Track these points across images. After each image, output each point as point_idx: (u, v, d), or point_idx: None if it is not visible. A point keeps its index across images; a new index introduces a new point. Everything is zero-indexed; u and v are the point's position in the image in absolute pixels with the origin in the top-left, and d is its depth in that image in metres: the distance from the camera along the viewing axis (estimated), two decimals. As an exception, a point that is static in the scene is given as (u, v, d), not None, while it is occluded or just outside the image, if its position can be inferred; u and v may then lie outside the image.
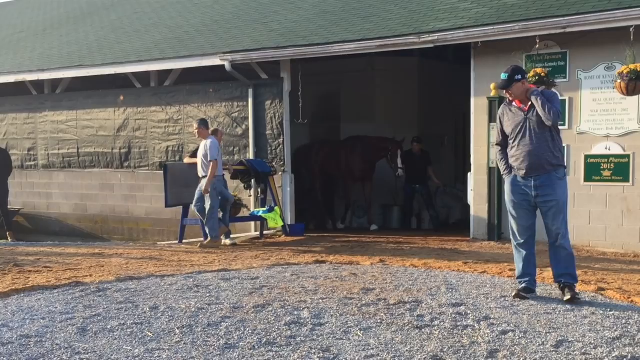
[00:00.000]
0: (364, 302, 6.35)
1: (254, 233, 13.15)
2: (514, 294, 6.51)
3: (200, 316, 5.87)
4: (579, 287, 6.70)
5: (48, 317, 5.88)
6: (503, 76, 6.47)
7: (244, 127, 13.57)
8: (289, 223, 12.89)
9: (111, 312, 6.05)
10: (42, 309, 6.20)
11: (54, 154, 16.35)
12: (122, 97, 15.20)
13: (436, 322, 5.64)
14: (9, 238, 14.57)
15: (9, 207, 15.36)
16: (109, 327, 5.56)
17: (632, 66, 8.65)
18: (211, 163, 10.74)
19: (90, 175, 15.85)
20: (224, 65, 13.02)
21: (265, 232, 12.80)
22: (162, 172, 12.17)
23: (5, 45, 19.74)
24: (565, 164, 6.52)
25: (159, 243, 12.80)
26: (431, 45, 11.27)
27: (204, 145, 10.93)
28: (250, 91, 13.38)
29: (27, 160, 16.86)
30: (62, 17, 21.48)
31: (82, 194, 16.04)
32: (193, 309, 6.11)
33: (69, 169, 16.17)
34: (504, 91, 6.65)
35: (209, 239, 10.98)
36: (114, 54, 15.52)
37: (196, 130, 11.16)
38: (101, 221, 15.89)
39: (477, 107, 11.37)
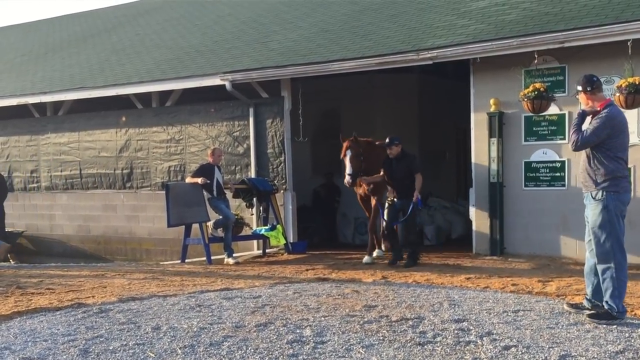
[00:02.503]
0: (366, 319, 6.34)
1: (256, 251, 13.15)
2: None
3: (203, 336, 5.86)
4: (579, 300, 6.69)
5: (50, 339, 5.88)
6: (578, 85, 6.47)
7: (245, 145, 13.60)
8: (291, 241, 12.89)
9: (113, 333, 6.04)
10: (45, 331, 6.20)
11: (57, 175, 16.40)
12: (123, 118, 15.26)
13: (438, 339, 5.63)
14: (10, 260, 14.59)
15: (12, 229, 15.39)
16: (111, 348, 5.55)
17: (630, 80, 8.66)
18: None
19: (92, 196, 15.88)
20: (224, 85, 13.08)
21: (267, 250, 12.80)
22: (164, 192, 12.20)
23: (8, 69, 19.87)
24: (606, 185, 6.27)
25: (161, 263, 12.81)
26: (430, 62, 11.32)
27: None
28: (251, 110, 13.43)
29: (30, 183, 16.90)
30: (63, 40, 21.64)
31: (85, 215, 16.07)
32: (195, 329, 6.11)
33: (72, 191, 16.20)
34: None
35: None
36: (116, 75, 15.61)
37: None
38: (104, 242, 15.90)
39: (477, 122, 11.40)
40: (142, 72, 15.21)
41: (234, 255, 11.75)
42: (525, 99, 9.65)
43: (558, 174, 10.77)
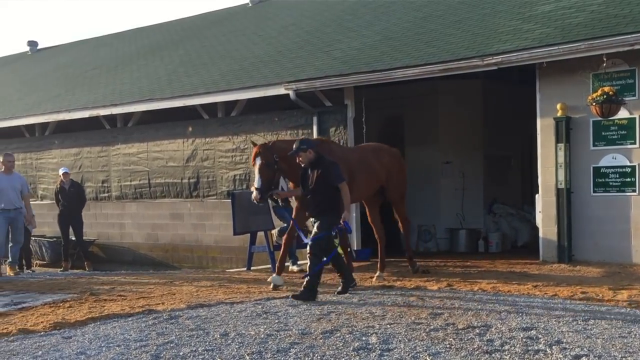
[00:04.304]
0: (432, 327, 6.31)
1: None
2: None
3: (270, 342, 5.94)
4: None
5: (123, 345, 6.05)
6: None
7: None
8: (355, 248, 12.90)
9: (183, 339, 6.18)
10: (118, 337, 6.38)
11: (126, 185, 16.84)
12: (190, 129, 15.58)
13: (506, 347, 5.57)
14: (86, 268, 15.06)
15: (85, 237, 15.87)
16: (181, 354, 5.68)
17: None
18: None
19: (160, 205, 16.25)
20: (288, 94, 13.23)
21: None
22: (229, 200, 12.39)
23: (80, 82, 20.54)
24: None
25: (227, 270, 12.99)
26: (495, 68, 11.21)
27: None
28: (315, 119, 13.53)
29: (101, 192, 17.40)
30: (132, 53, 22.25)
31: (153, 223, 16.45)
32: (262, 335, 6.19)
33: (141, 200, 16.61)
34: None
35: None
36: (183, 86, 15.96)
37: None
38: (171, 250, 16.23)
39: (544, 127, 11.22)
40: (209, 83, 15.51)
41: (298, 262, 11.84)
42: (594, 103, 9.47)
43: (628, 180, 10.50)
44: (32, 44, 29.55)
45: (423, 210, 15.12)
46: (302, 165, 8.67)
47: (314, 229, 8.52)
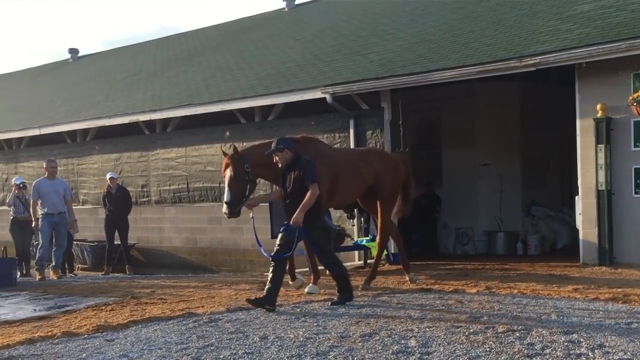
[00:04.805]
0: (471, 330, 6.28)
1: (357, 262, 13.22)
2: None
3: (309, 345, 5.97)
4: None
5: (164, 347, 6.13)
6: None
7: (345, 157, 13.71)
8: (393, 251, 12.88)
9: (223, 342, 6.24)
10: (159, 340, 6.47)
11: (165, 189, 17.04)
12: (227, 133, 15.71)
13: (547, 351, 5.52)
14: (127, 271, 15.27)
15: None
16: (221, 356, 5.74)
17: None
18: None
19: (199, 210, 16.41)
20: (325, 98, 13.27)
21: (368, 261, 12.84)
22: (267, 204, 12.45)
23: (120, 88, 20.87)
24: None
25: (265, 274, 13.04)
26: (533, 69, 11.11)
27: None
28: (352, 122, 13.54)
29: (141, 197, 17.64)
30: (171, 59, 22.53)
31: (192, 227, 16.61)
32: (301, 339, 6.23)
33: (180, 204, 16.80)
34: None
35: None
36: (220, 92, 16.12)
37: None
38: (210, 253, 16.37)
39: (583, 128, 11.08)
40: (246, 88, 15.64)
41: (337, 266, 11.84)
42: (635, 104, 9.34)
43: (671, 181, 10.33)
44: (73, 51, 30.11)
45: (460, 212, 15.06)
46: (280, 167, 8.16)
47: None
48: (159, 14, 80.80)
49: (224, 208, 8.59)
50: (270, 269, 7.99)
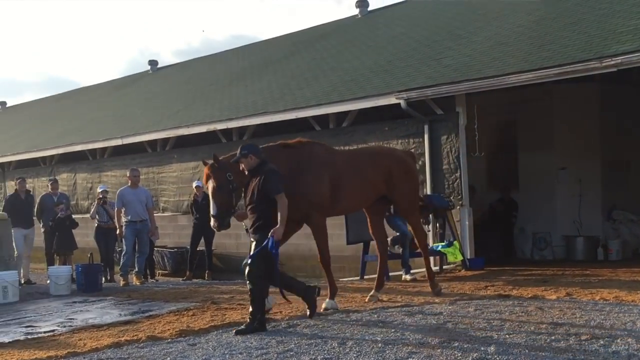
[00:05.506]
0: (553, 337, 6.18)
1: (433, 268, 13.11)
2: None
3: (387, 352, 5.99)
4: None
5: (245, 352, 6.26)
6: None
7: (420, 162, 13.64)
8: (469, 257, 12.75)
9: (302, 347, 6.33)
10: (239, 344, 6.62)
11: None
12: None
13: (634, 359, 5.38)
14: (206, 277, 15.59)
15: (203, 248, 16.43)
16: (301, 361, 5.83)
17: None
18: None
19: (275, 216, 16.55)
20: (399, 104, 13.26)
21: (444, 267, 12.76)
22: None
23: (197, 98, 21.35)
24: None
25: (340, 279, 13.13)
26: (614, 69, 10.80)
27: None
28: (426, 127, 13.46)
29: (218, 204, 17.90)
30: (246, 69, 22.92)
31: (268, 233, 16.75)
32: (380, 345, 6.25)
33: (256, 211, 16.97)
34: None
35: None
36: (295, 99, 16.30)
37: None
38: (286, 259, 16.46)
39: (668, 130, 10.72)
40: (320, 95, 15.77)
41: (411, 271, 11.83)
42: None
43: None
44: (153, 63, 30.98)
45: (538, 217, 14.77)
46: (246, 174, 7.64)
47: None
48: (230, 24, 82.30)
49: (212, 222, 8.03)
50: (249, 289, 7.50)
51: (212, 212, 7.95)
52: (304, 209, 8.31)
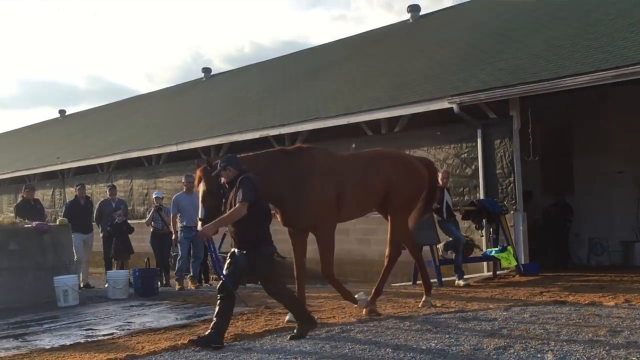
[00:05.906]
0: (612, 345, 6.08)
1: (486, 273, 13.01)
2: None
3: (442, 357, 5.97)
4: None
5: (300, 357, 6.32)
6: None
7: (473, 167, 13.57)
8: (523, 262, 12.59)
9: (356, 352, 6.36)
10: (294, 349, 6.68)
11: (295, 202, 17.35)
12: (354, 146, 15.87)
13: (695, 368, 5.27)
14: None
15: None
16: (355, 366, 5.86)
17: None
18: None
19: (327, 221, 16.59)
20: (451, 108, 13.18)
21: (498, 272, 12.63)
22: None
23: (250, 104, 21.57)
24: None
25: (393, 285, 13.10)
26: (673, 71, 10.57)
27: None
28: (479, 131, 13.35)
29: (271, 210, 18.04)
30: (298, 75, 23.05)
31: (320, 238, 16.81)
32: (434, 350, 6.24)
33: (308, 216, 17.04)
34: None
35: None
36: (347, 104, 16.33)
37: None
38: (338, 264, 16.33)
39: None
40: (372, 100, 15.78)
41: (465, 277, 11.75)
42: None
43: None
44: (206, 70, 31.40)
45: (594, 222, 14.51)
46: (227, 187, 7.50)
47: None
48: (280, 30, 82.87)
49: (199, 225, 7.73)
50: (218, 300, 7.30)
51: (200, 215, 7.72)
52: (307, 218, 8.33)
